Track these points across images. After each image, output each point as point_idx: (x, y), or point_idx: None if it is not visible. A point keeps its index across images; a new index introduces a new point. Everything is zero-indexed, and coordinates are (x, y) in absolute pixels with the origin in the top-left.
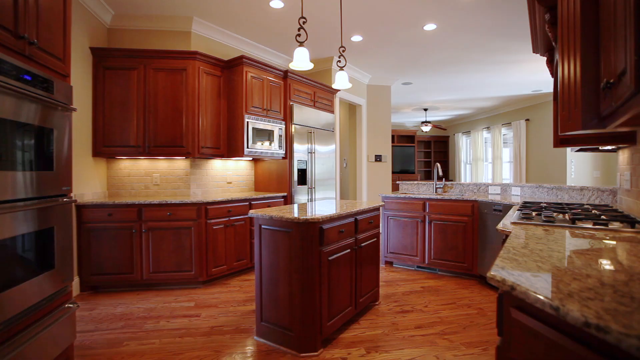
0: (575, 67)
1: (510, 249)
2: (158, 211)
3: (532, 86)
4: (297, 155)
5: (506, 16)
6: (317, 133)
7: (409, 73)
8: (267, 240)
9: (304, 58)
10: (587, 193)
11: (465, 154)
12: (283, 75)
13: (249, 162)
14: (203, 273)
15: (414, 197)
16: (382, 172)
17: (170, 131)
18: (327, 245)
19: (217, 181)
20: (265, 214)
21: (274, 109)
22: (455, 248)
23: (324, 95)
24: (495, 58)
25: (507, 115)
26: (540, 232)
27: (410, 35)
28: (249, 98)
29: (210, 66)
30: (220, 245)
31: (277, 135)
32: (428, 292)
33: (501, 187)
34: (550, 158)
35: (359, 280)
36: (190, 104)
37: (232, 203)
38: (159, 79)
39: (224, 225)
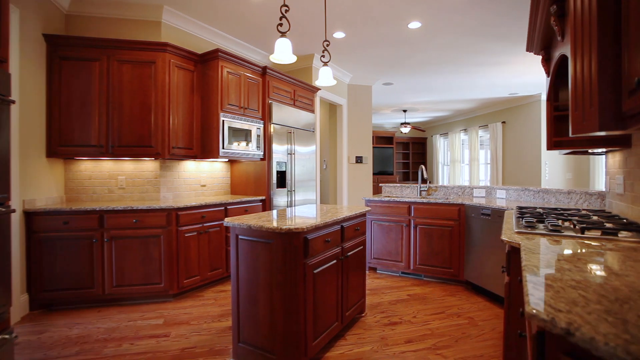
0: (590, 64)
1: (533, 268)
2: (122, 218)
3: (509, 89)
4: (276, 157)
5: (491, 16)
6: (297, 133)
7: (391, 73)
8: (245, 252)
9: (285, 50)
10: (574, 196)
11: (442, 156)
12: (261, 71)
13: (225, 164)
14: (174, 285)
15: (398, 201)
16: (363, 174)
17: (137, 129)
18: (312, 257)
19: (190, 184)
20: (242, 223)
21: (251, 108)
22: (441, 253)
23: (304, 93)
24: (475, 59)
25: (483, 118)
26: (554, 245)
27: (394, 33)
28: (224, 95)
29: (182, 59)
30: (193, 255)
31: (255, 135)
32: (415, 301)
33: (486, 190)
34: (526, 160)
35: (346, 292)
36: (159, 100)
37: (206, 208)
38: (124, 71)
39: (197, 232)
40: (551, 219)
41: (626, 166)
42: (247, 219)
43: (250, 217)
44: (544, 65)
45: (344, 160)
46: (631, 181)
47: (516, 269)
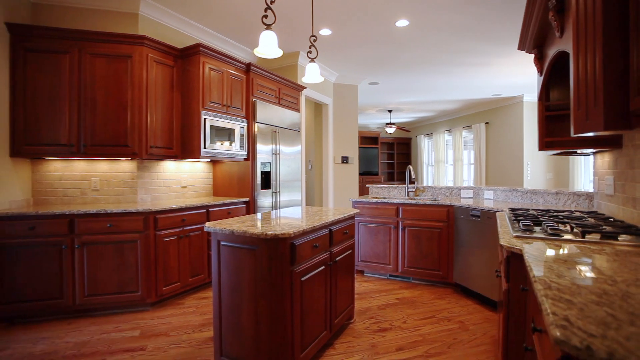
0: (595, 60)
1: (546, 280)
2: (95, 222)
3: (493, 90)
4: (261, 157)
5: (479, 15)
6: (282, 133)
7: (377, 72)
8: (227, 259)
9: (271, 43)
10: (562, 197)
11: (427, 156)
12: (245, 68)
13: (207, 164)
14: (152, 293)
15: (386, 202)
16: (349, 174)
17: (112, 128)
18: (299, 264)
19: (169, 186)
20: (224, 228)
21: (235, 106)
22: (430, 255)
23: (289, 92)
24: (461, 60)
25: (467, 118)
26: (558, 251)
27: (382, 31)
28: (206, 92)
29: (161, 54)
30: (173, 260)
31: (238, 134)
32: (404, 305)
33: (473, 190)
34: (509, 160)
35: (334, 299)
36: (136, 96)
37: (186, 211)
38: (97, 66)
39: (177, 236)
40: (548, 221)
41: (616, 167)
42: (229, 223)
43: (232, 222)
44: (536, 63)
45: (330, 161)
46: (622, 182)
47: (517, 275)
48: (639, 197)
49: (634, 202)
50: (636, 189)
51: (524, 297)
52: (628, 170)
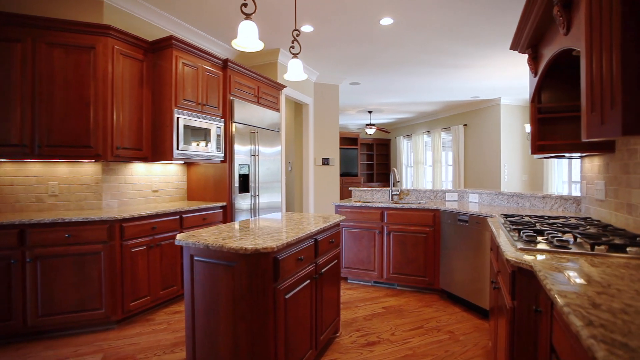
0: (612, 58)
1: (583, 313)
2: (51, 232)
3: (472, 92)
4: (239, 158)
5: (465, 15)
6: (261, 133)
7: (359, 72)
8: (201, 276)
9: (251, 34)
10: (549, 201)
11: (406, 157)
12: (222, 64)
13: (181, 167)
14: (117, 310)
15: (370, 206)
16: (330, 176)
17: (73, 127)
18: (283, 280)
19: (139, 190)
20: (198, 242)
21: (211, 104)
22: (415, 261)
23: (269, 91)
24: (443, 61)
25: (446, 120)
26: (573, 267)
27: (366, 29)
28: (179, 89)
29: (129, 47)
30: (142, 272)
31: (214, 134)
32: (391, 314)
33: (458, 193)
34: (486, 162)
35: (320, 314)
36: (100, 92)
37: (157, 218)
38: (55, 57)
39: (146, 246)
40: (550, 231)
41: (608, 172)
42: (204, 235)
43: (208, 233)
44: (530, 63)
45: (310, 162)
46: (615, 187)
47: (525, 294)
48: (634, 203)
49: (629, 208)
50: (632, 194)
51: (535, 319)
52: (622, 175)
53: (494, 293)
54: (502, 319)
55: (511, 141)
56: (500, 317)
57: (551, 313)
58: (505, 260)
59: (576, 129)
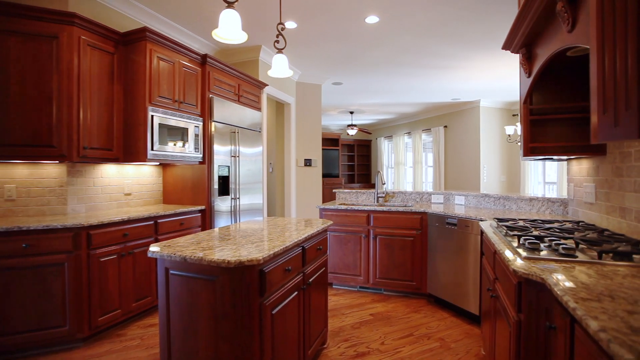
0: (626, 56)
1: (620, 338)
2: (6, 243)
3: (452, 94)
4: (218, 159)
5: (451, 15)
6: (242, 133)
7: (341, 72)
8: (178, 292)
9: (233, 24)
10: (536, 204)
11: (387, 158)
12: (201, 60)
13: (156, 168)
14: (83, 326)
15: (356, 209)
16: (312, 177)
17: (32, 124)
18: (270, 294)
19: (109, 193)
20: (174, 254)
21: (188, 102)
22: (402, 265)
23: (250, 89)
24: (426, 62)
25: (427, 122)
26: (586, 280)
27: (351, 27)
28: (154, 85)
29: (98, 38)
30: (112, 284)
31: (192, 134)
32: (380, 322)
33: (444, 195)
34: (466, 163)
35: (308, 327)
36: (65, 86)
37: (129, 223)
38: (11, 46)
39: (117, 254)
40: (550, 236)
41: (598, 174)
42: (181, 245)
43: (185, 242)
44: (524, 64)
45: (292, 163)
46: (606, 190)
47: (534, 307)
48: (628, 207)
49: (623, 211)
50: (625, 198)
51: (548, 336)
52: (614, 178)
53: (491, 301)
54: (502, 331)
55: (490, 143)
56: (500, 327)
57: (571, 333)
58: (512, 271)
59: (567, 131)
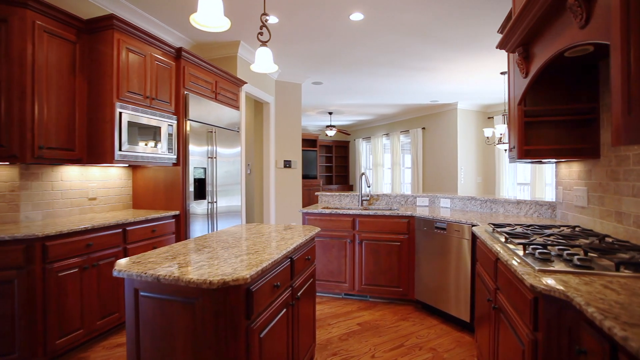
0: None
1: None
2: None
3: (431, 96)
4: (194, 160)
5: (436, 15)
6: (219, 133)
7: (322, 71)
8: (150, 316)
9: (214, 8)
10: (524, 207)
11: (365, 160)
12: (175, 54)
13: (125, 170)
14: (37, 351)
15: (341, 213)
16: (292, 179)
17: None
18: (257, 316)
19: (71, 198)
20: (144, 273)
21: (161, 99)
22: (389, 271)
23: (228, 86)
24: (408, 63)
25: (405, 123)
26: (617, 297)
27: (334, 24)
28: (123, 79)
29: (56, 24)
30: (73, 301)
31: (165, 133)
32: (368, 332)
33: (429, 198)
34: (444, 165)
35: (296, 345)
36: (16, 77)
37: (94, 232)
38: None
39: (79, 268)
40: (554, 244)
41: (590, 178)
42: (152, 261)
43: (157, 257)
44: (521, 63)
45: (271, 165)
46: (600, 194)
47: (555, 325)
48: (625, 212)
49: (619, 216)
50: (622, 202)
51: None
52: (609, 182)
53: (491, 312)
54: (509, 346)
55: (467, 145)
56: (506, 342)
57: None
58: (529, 285)
59: (559, 134)
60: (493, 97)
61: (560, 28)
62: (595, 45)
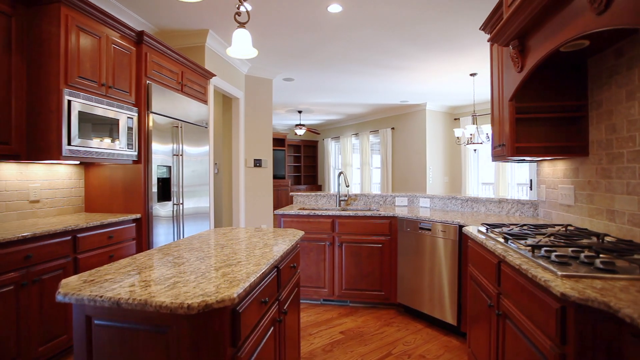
0: None
1: None
2: None
3: (401, 96)
4: (158, 158)
5: (419, 10)
6: (186, 128)
7: (295, 66)
8: (107, 351)
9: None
10: (506, 205)
11: (334, 160)
12: (136, 38)
13: (76, 168)
14: None
15: (320, 214)
16: (262, 179)
17: None
18: (245, 341)
19: (6, 201)
20: (101, 297)
21: (120, 87)
22: (371, 274)
23: (195, 78)
24: (381, 60)
25: (374, 123)
26: None
27: (311, 15)
28: (72, 63)
29: None
30: (7, 324)
31: (124, 127)
32: (353, 341)
33: (408, 198)
34: (413, 165)
35: None
36: None
37: (35, 241)
38: None
39: (14, 285)
40: (564, 245)
41: (577, 176)
42: (110, 279)
43: (116, 272)
44: (516, 57)
45: (241, 164)
46: (588, 192)
47: (589, 340)
48: (619, 210)
49: (611, 214)
50: (615, 200)
51: None
52: (600, 180)
53: (493, 319)
54: (520, 357)
55: (435, 145)
56: (514, 351)
57: None
58: (559, 293)
59: (547, 131)
60: (460, 98)
61: (568, 17)
62: (592, 40)
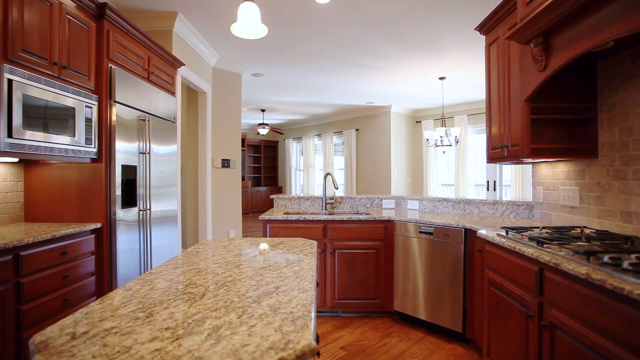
0: None
1: None
2: None
3: (368, 97)
4: (122, 157)
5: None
6: (154, 122)
7: (266, 61)
8: None
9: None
10: (500, 207)
11: (295, 161)
12: (96, 11)
13: (12, 167)
14: None
15: (310, 219)
16: (231, 181)
17: None
18: None
19: None
20: None
21: (76, 69)
22: (365, 282)
23: (162, 66)
24: (358, 59)
25: (338, 124)
26: None
27: (298, 5)
28: (14, 33)
29: None
30: None
31: (81, 117)
32: (357, 357)
33: (395, 200)
34: (377, 166)
35: None
36: None
37: None
38: None
39: None
40: (607, 250)
41: (584, 178)
42: (114, 332)
43: (115, 314)
44: (540, 56)
45: (208, 164)
46: (598, 194)
47: None
48: (635, 211)
49: (627, 215)
50: (632, 201)
51: None
52: (612, 181)
53: (533, 331)
54: None
55: (399, 147)
56: None
57: None
58: None
59: (556, 133)
60: (424, 101)
61: (611, 14)
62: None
